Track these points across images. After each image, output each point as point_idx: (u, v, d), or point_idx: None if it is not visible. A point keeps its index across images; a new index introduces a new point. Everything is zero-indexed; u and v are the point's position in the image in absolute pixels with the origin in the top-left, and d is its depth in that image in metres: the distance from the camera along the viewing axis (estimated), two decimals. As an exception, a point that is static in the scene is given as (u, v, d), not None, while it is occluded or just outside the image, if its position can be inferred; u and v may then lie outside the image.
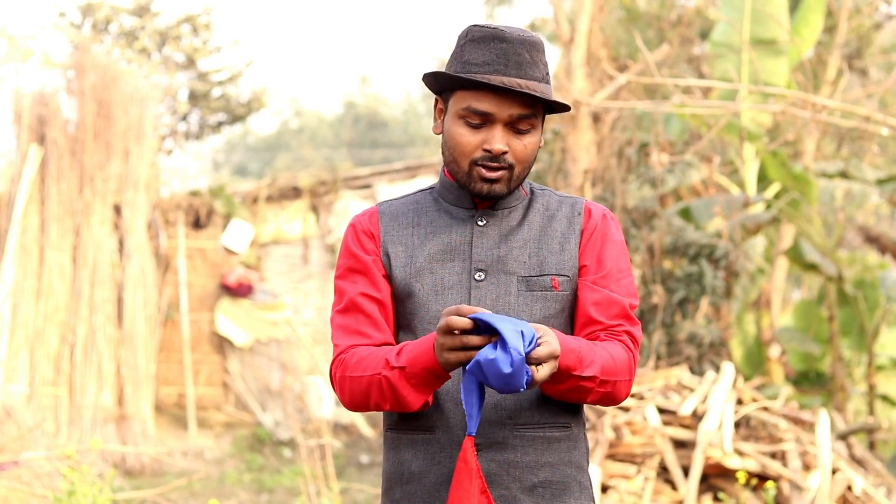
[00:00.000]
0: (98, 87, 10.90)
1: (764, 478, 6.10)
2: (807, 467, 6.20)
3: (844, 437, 7.41)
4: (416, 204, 2.46)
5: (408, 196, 2.50)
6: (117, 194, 11.06)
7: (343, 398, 2.35)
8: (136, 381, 10.74)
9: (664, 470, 6.19)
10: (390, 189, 13.32)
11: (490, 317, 2.06)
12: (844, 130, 11.72)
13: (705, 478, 6.17)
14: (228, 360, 12.78)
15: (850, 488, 6.18)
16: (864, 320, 9.69)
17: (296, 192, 13.34)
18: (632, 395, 6.61)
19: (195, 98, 15.81)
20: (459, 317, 2.09)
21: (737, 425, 6.47)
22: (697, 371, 8.34)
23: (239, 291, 12.60)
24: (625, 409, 6.48)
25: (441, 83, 2.37)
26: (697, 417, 6.37)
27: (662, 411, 6.48)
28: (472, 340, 2.08)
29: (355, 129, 29.50)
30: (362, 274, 2.41)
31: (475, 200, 2.40)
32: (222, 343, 12.78)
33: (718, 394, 6.43)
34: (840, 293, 9.97)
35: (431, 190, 2.48)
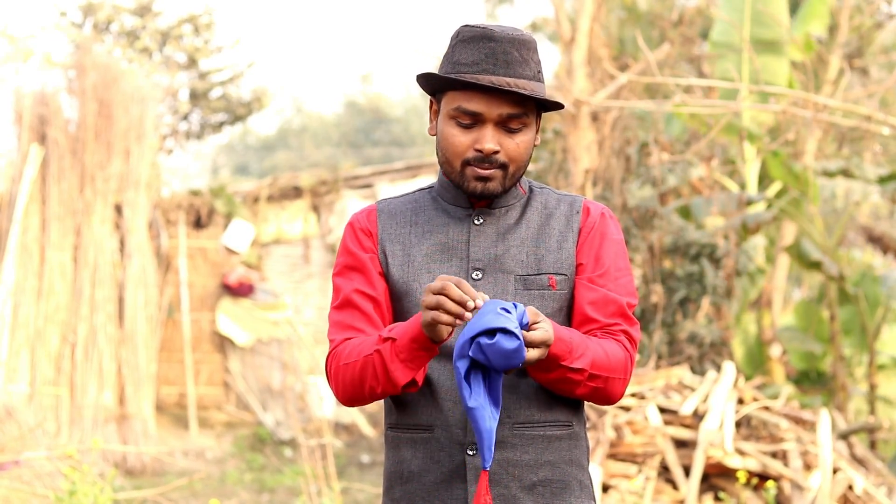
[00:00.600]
0: (99, 87, 10.89)
1: (765, 477, 6.09)
2: (808, 467, 6.20)
3: (845, 437, 7.40)
4: (415, 203, 2.46)
5: (407, 195, 2.50)
6: (118, 194, 11.06)
7: (337, 390, 2.35)
8: (137, 381, 10.74)
9: (665, 469, 6.19)
10: (391, 189, 13.31)
11: (481, 315, 2.07)
12: (845, 130, 11.71)
13: (706, 477, 6.17)
14: (229, 360, 12.78)
15: (851, 488, 6.18)
16: (866, 319, 9.68)
17: (297, 192, 13.33)
18: (633, 395, 6.60)
19: (196, 98, 15.81)
20: (458, 289, 2.09)
21: (738, 425, 6.47)
22: (698, 370, 8.33)
23: (240, 291, 12.60)
24: (626, 409, 6.48)
25: (433, 84, 2.37)
26: (698, 417, 6.37)
27: (663, 411, 6.48)
28: (449, 306, 2.08)
29: (356, 128, 29.46)
30: (359, 271, 2.41)
31: (472, 199, 2.40)
32: (223, 343, 12.78)
33: (719, 393, 6.43)
34: (841, 292, 9.95)
35: (430, 189, 2.48)
